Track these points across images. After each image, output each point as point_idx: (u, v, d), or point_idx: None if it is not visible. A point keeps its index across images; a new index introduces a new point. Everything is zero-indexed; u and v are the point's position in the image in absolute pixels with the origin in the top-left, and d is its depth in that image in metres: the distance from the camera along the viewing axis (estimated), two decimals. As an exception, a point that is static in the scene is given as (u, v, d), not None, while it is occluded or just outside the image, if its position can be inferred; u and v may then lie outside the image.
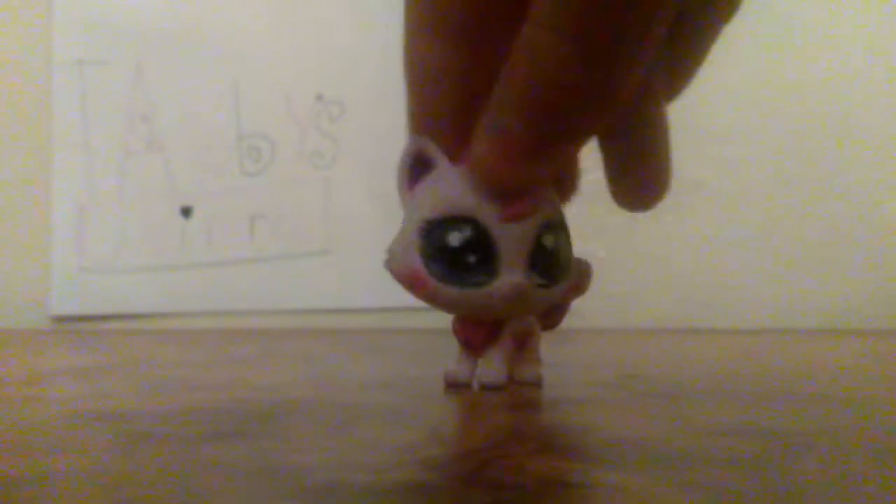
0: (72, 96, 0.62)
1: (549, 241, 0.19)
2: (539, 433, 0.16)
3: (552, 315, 0.22)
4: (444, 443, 0.15)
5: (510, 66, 0.16)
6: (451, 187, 0.19)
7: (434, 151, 0.19)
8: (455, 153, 0.19)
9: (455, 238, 0.18)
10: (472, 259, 0.18)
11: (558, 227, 0.19)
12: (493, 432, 0.15)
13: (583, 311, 0.54)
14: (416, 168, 0.19)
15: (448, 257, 0.19)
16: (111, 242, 0.61)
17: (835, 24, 0.57)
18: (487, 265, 0.18)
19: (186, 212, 0.61)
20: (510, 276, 0.18)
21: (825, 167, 0.56)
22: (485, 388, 0.21)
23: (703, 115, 0.56)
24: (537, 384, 0.22)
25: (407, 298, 0.20)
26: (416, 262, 0.19)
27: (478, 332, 0.21)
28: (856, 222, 0.56)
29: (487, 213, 0.18)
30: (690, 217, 0.56)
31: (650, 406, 0.19)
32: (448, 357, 0.22)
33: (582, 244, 0.21)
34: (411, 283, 0.19)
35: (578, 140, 0.17)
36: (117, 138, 0.62)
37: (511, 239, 0.18)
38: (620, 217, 0.22)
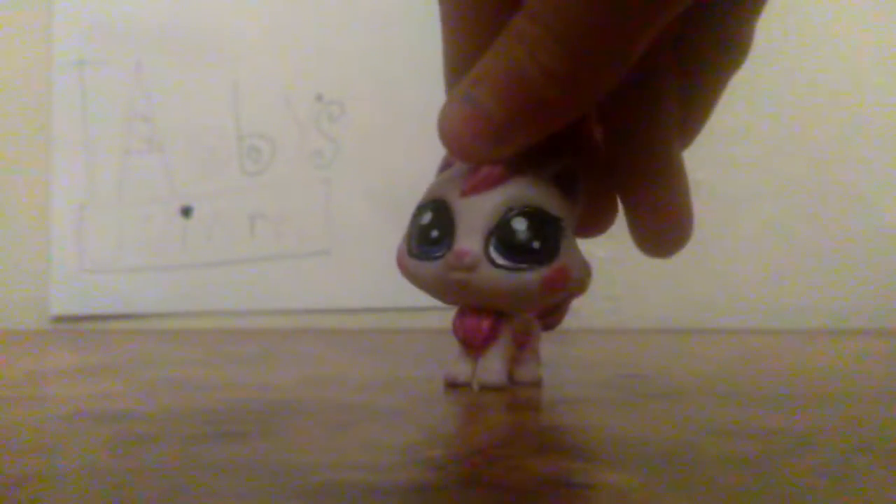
0: (72, 96, 0.62)
1: (520, 224, 0.19)
2: (539, 433, 0.16)
3: (552, 315, 0.22)
4: (444, 443, 0.15)
5: (496, 47, 0.16)
6: (440, 178, 0.20)
7: None
8: None
9: (426, 217, 0.20)
10: (435, 234, 0.19)
11: (536, 216, 0.19)
12: (493, 432, 0.15)
13: (583, 311, 0.54)
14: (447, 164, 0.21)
15: (419, 235, 0.20)
16: (111, 242, 0.61)
17: (836, 24, 0.57)
18: (448, 239, 0.19)
19: (186, 212, 0.61)
20: (463, 245, 0.19)
21: (826, 168, 0.56)
22: (485, 388, 0.21)
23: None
24: (537, 384, 0.22)
25: (407, 298, 0.20)
26: (401, 244, 0.20)
27: (478, 331, 0.21)
28: (856, 223, 0.56)
29: (451, 190, 0.19)
30: (690, 217, 0.56)
31: (650, 406, 0.19)
32: (448, 357, 0.22)
33: (582, 244, 0.21)
34: (397, 262, 0.20)
35: (546, 130, 0.17)
36: (117, 138, 0.62)
37: (469, 211, 0.19)
38: (621, 217, 0.22)
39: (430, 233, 0.19)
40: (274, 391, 0.22)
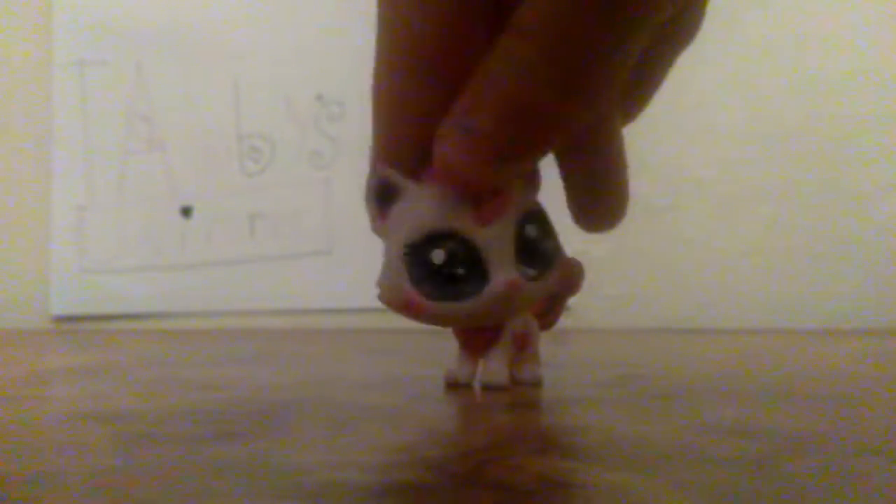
0: (72, 96, 0.62)
1: (532, 231, 0.19)
2: (539, 433, 0.16)
3: (549, 314, 0.22)
4: (444, 443, 0.15)
5: (485, 70, 0.16)
6: (423, 207, 0.18)
7: (397, 177, 0.19)
8: (419, 175, 0.19)
9: (438, 255, 0.18)
10: (460, 271, 0.18)
11: (538, 217, 0.19)
12: (493, 432, 0.15)
13: (583, 311, 0.54)
14: (382, 198, 0.19)
15: (437, 276, 0.18)
16: (111, 242, 0.61)
17: (835, 24, 0.57)
18: (477, 272, 0.18)
19: (186, 212, 0.61)
20: (503, 276, 0.18)
21: (825, 167, 0.56)
22: (488, 388, 0.21)
23: (703, 115, 0.56)
24: (537, 384, 0.22)
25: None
26: (407, 288, 0.18)
27: (479, 333, 0.21)
28: (856, 222, 0.56)
29: (464, 222, 0.18)
30: (690, 217, 0.56)
31: (650, 406, 0.19)
32: (448, 357, 0.22)
33: (582, 244, 0.21)
34: (407, 309, 0.19)
35: (548, 145, 0.17)
36: (117, 138, 0.62)
37: (494, 239, 0.18)
38: (626, 219, 0.22)
39: (454, 271, 0.18)
40: (274, 391, 0.22)
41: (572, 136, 0.17)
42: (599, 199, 0.20)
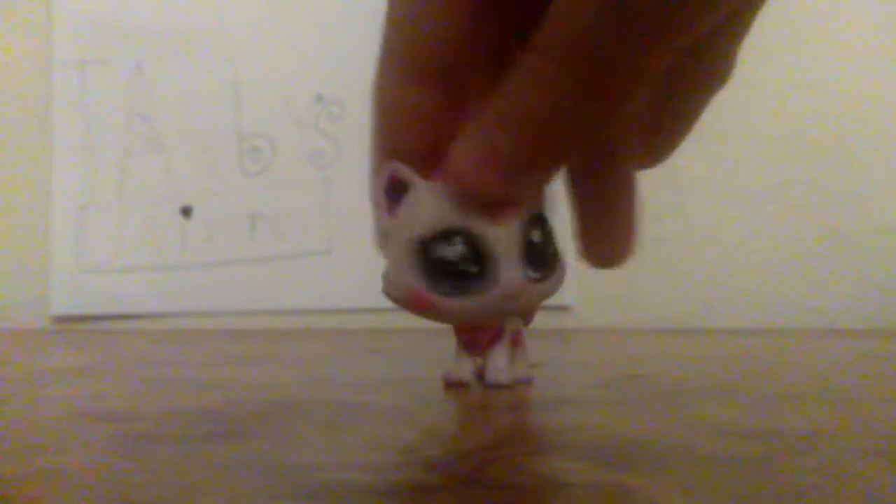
0: (72, 96, 0.62)
1: (536, 235, 0.19)
2: (539, 433, 0.16)
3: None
4: (444, 443, 0.15)
5: (507, 85, 0.16)
6: (435, 202, 0.18)
7: (408, 173, 0.19)
8: (426, 175, 0.19)
9: (451, 251, 0.18)
10: (472, 268, 0.18)
11: (543, 220, 0.20)
12: (493, 432, 0.15)
13: (583, 311, 0.54)
14: (392, 193, 0.19)
15: (447, 271, 0.18)
16: (111, 242, 0.61)
17: (835, 24, 0.57)
18: (487, 270, 0.18)
19: (186, 212, 0.61)
20: (511, 276, 0.18)
21: (825, 167, 0.56)
22: (494, 386, 0.21)
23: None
24: (530, 382, 0.22)
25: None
26: (416, 283, 0.18)
27: (482, 332, 0.21)
28: (855, 222, 0.56)
29: (477, 220, 0.18)
30: (690, 217, 0.56)
31: (650, 406, 0.19)
32: (448, 357, 0.22)
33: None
34: (413, 304, 0.19)
35: (565, 160, 0.17)
36: (117, 138, 0.62)
37: (503, 240, 0.18)
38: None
39: (468, 267, 0.18)
40: (274, 391, 0.22)
41: (587, 156, 0.17)
42: (605, 237, 0.20)
